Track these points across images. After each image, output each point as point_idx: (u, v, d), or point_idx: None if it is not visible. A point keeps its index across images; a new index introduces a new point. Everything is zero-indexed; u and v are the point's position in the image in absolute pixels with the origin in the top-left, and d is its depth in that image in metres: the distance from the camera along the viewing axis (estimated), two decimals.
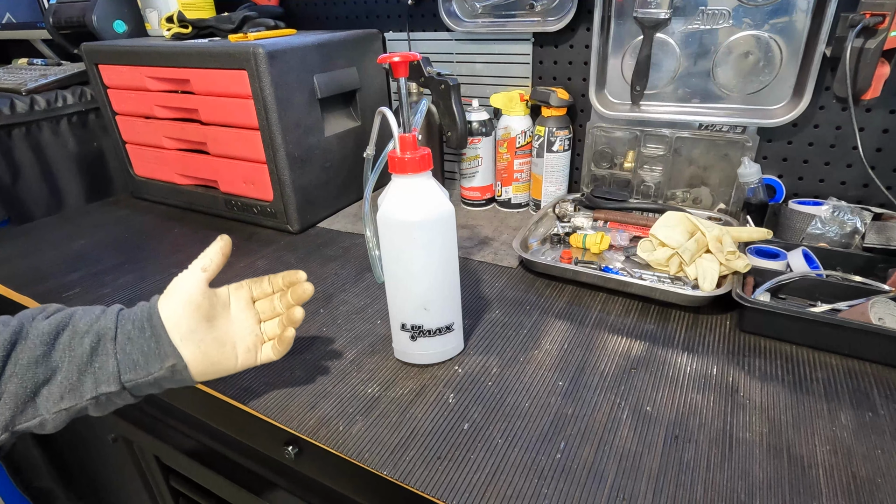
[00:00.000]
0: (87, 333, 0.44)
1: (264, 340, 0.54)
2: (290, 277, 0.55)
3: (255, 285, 0.55)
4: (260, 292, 0.55)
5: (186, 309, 0.47)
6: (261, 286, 0.55)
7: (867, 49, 0.69)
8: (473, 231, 0.94)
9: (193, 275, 0.49)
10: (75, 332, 0.44)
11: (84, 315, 0.46)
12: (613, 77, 0.90)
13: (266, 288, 0.55)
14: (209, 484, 0.80)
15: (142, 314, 0.47)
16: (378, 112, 0.56)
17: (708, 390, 0.55)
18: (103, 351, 0.44)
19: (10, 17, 1.54)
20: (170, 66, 0.93)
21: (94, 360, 0.44)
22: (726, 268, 0.67)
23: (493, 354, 0.62)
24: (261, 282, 0.55)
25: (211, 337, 0.49)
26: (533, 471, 0.47)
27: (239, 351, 0.51)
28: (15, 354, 0.42)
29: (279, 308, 0.55)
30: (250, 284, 0.55)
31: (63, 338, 0.44)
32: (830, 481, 0.44)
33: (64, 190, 1.21)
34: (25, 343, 0.43)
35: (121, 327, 0.46)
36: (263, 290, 0.55)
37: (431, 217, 0.53)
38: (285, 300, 0.55)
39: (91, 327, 0.45)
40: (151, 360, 0.46)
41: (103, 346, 0.45)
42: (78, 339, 0.44)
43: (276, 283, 0.55)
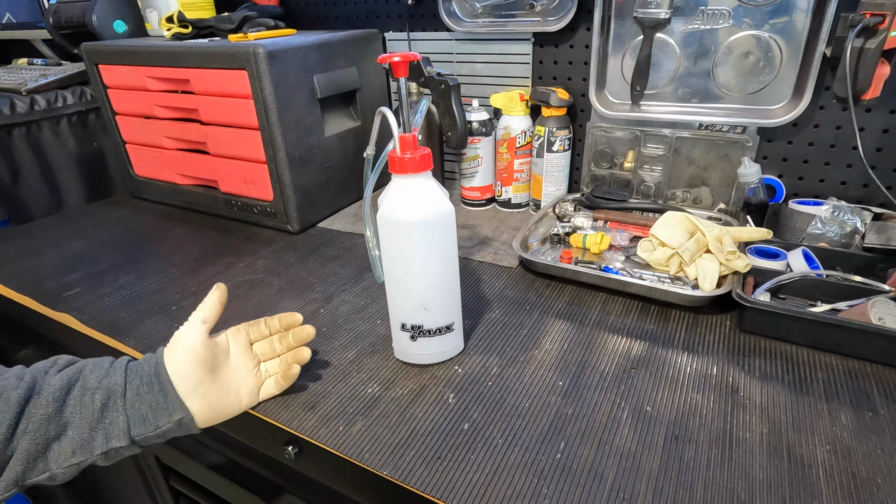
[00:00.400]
0: (97, 390, 0.46)
1: (264, 380, 0.56)
2: (287, 320, 0.57)
3: (253, 329, 0.56)
4: (257, 335, 0.57)
5: (191, 363, 0.49)
6: (258, 329, 0.56)
7: (867, 49, 0.69)
8: (473, 231, 0.94)
9: (195, 328, 0.50)
10: (86, 388, 0.46)
11: (94, 370, 0.47)
12: (613, 77, 0.90)
13: (263, 330, 0.57)
14: (209, 484, 0.80)
15: (149, 369, 0.48)
16: (378, 112, 0.56)
17: (708, 390, 0.55)
18: (113, 407, 0.46)
19: (10, 17, 1.54)
20: (170, 66, 0.93)
21: (105, 416, 0.45)
22: (726, 268, 0.67)
23: (493, 354, 0.62)
24: (258, 325, 0.57)
25: (215, 387, 0.51)
26: (533, 471, 0.47)
27: (242, 395, 0.53)
28: (28, 410, 0.43)
29: (278, 349, 0.57)
30: (247, 328, 0.56)
31: (74, 394, 0.45)
32: (830, 481, 0.44)
33: (64, 190, 1.21)
34: (38, 399, 0.43)
35: (129, 383, 0.47)
36: (261, 332, 0.57)
37: (431, 217, 0.53)
38: (286, 342, 0.56)
39: (101, 383, 0.46)
40: (160, 414, 0.47)
41: (113, 402, 0.46)
42: (89, 395, 0.45)
43: (272, 325, 0.57)
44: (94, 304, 0.76)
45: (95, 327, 0.71)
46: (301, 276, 0.80)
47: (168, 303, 0.75)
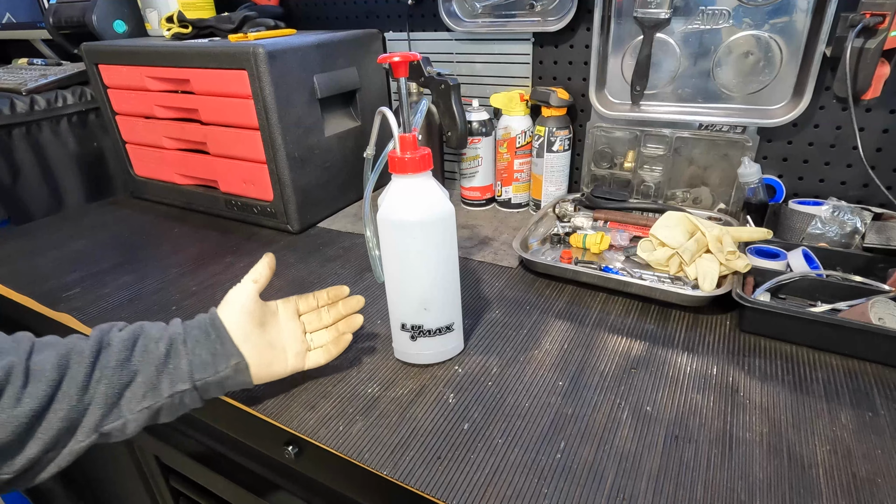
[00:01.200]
0: (160, 339, 0.49)
1: (310, 348, 0.58)
2: (335, 292, 0.61)
3: (302, 301, 0.60)
4: (306, 307, 0.60)
5: (242, 315, 0.52)
6: (307, 302, 0.60)
7: (867, 49, 0.69)
8: (473, 231, 0.94)
9: (246, 286, 0.54)
10: (149, 338, 0.49)
11: (153, 326, 0.51)
12: (613, 77, 0.90)
13: (311, 303, 0.60)
14: (209, 484, 0.80)
15: (205, 321, 0.52)
16: (378, 112, 0.56)
17: (708, 390, 0.55)
18: (176, 353, 0.49)
19: (10, 17, 1.54)
20: (170, 66, 0.93)
21: (169, 361, 0.49)
22: (726, 268, 0.67)
23: (493, 354, 0.62)
24: (307, 297, 0.60)
25: (264, 340, 0.53)
26: (533, 471, 0.47)
27: (289, 355, 0.56)
28: (101, 360, 0.46)
29: (326, 320, 0.60)
30: (297, 300, 0.59)
31: (139, 344, 0.48)
32: (830, 481, 0.44)
33: (64, 190, 1.21)
34: (109, 350, 0.47)
35: (188, 332, 0.50)
36: (309, 304, 0.60)
37: (431, 217, 0.53)
38: (335, 311, 0.60)
39: (162, 334, 0.49)
40: (219, 359, 0.50)
41: (175, 348, 0.49)
42: (153, 343, 0.49)
43: (321, 298, 0.60)
44: (94, 304, 0.76)
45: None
46: (301, 276, 0.80)
47: (168, 303, 0.75)
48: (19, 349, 0.44)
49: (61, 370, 0.44)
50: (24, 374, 0.42)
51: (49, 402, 0.43)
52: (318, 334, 0.59)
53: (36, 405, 0.42)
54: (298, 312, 0.59)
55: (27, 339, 0.46)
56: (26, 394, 0.42)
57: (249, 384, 0.53)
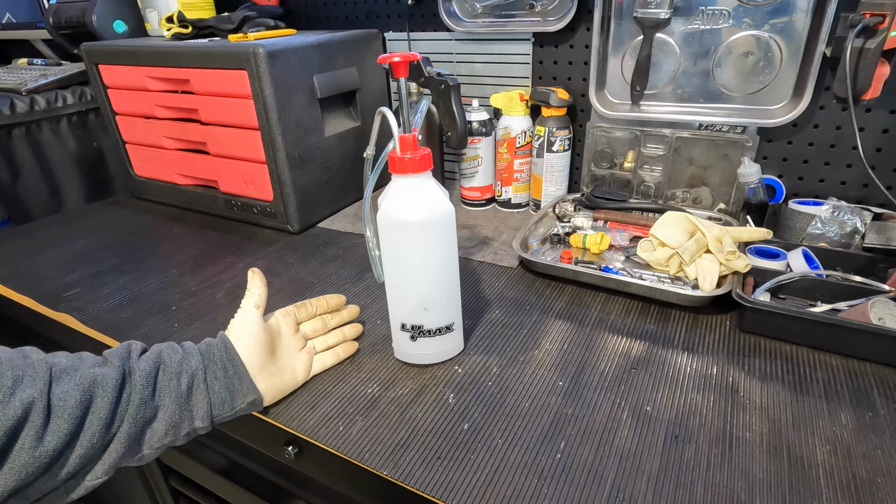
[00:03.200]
0: (181, 374, 0.48)
1: (314, 353, 0.59)
2: (335, 301, 0.63)
3: (300, 310, 0.60)
4: (304, 315, 0.60)
5: (255, 346, 0.52)
6: (305, 310, 0.60)
7: (867, 49, 0.69)
8: (473, 231, 0.94)
9: (251, 314, 0.53)
10: (170, 372, 0.47)
11: (171, 354, 0.49)
12: (613, 77, 0.90)
13: (310, 310, 0.61)
14: (209, 484, 0.80)
15: (222, 355, 0.51)
16: (378, 112, 0.56)
17: (708, 390, 0.55)
18: (197, 390, 0.48)
19: (10, 17, 1.54)
20: (170, 66, 0.93)
21: (191, 398, 0.48)
22: (726, 268, 0.67)
23: (493, 354, 0.62)
24: (304, 306, 0.61)
25: (276, 367, 0.54)
26: (533, 471, 0.47)
27: (297, 371, 0.57)
28: (124, 393, 0.44)
29: (330, 324, 0.62)
30: (295, 311, 0.59)
31: (160, 378, 0.47)
32: (830, 481, 0.44)
33: (64, 190, 1.21)
34: (132, 381, 0.45)
35: (207, 367, 0.49)
36: (308, 312, 0.61)
37: (431, 217, 0.53)
38: (338, 317, 0.63)
39: (182, 367, 0.48)
40: (236, 396, 0.50)
41: (196, 385, 0.48)
42: (175, 379, 0.47)
43: (319, 306, 0.62)
44: (94, 304, 0.76)
45: (95, 327, 0.71)
46: (301, 276, 0.80)
47: (168, 303, 0.75)
48: (37, 379, 0.40)
49: (84, 406, 0.41)
50: (46, 410, 0.39)
51: (72, 439, 0.40)
52: (319, 340, 0.60)
53: (58, 444, 0.39)
54: (297, 322, 0.59)
55: (44, 364, 0.41)
56: (49, 431, 0.39)
57: (259, 409, 0.54)
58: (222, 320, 0.62)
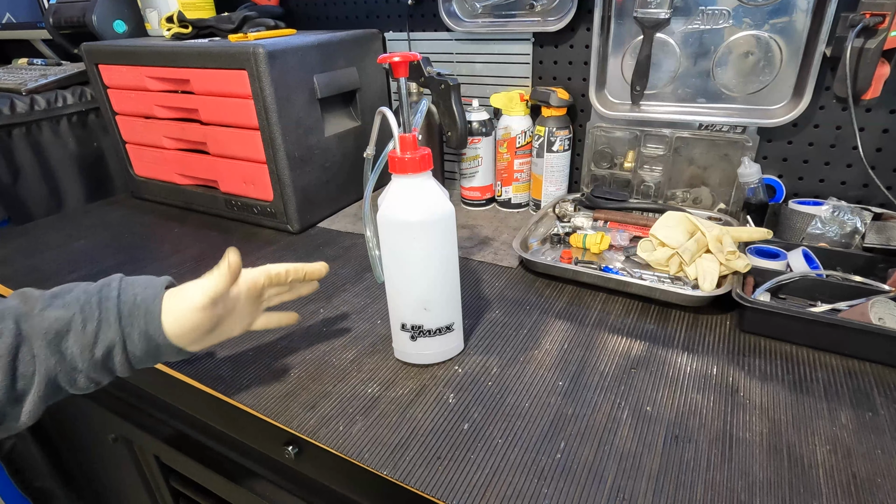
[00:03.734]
0: (95, 344, 0.47)
1: (258, 316, 0.58)
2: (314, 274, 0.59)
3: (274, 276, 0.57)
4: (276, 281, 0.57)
5: (192, 330, 0.50)
6: (278, 277, 0.57)
7: (867, 49, 0.69)
8: (473, 231, 0.94)
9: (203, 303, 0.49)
10: (83, 342, 0.46)
11: (85, 318, 0.47)
12: (613, 77, 0.90)
13: (282, 278, 0.57)
14: (209, 484, 0.80)
15: (146, 328, 0.48)
16: (378, 112, 0.56)
17: (708, 390, 0.55)
18: (116, 357, 0.48)
19: (10, 17, 1.54)
20: (170, 66, 0.93)
21: (109, 363, 0.48)
22: (726, 268, 0.67)
23: (493, 354, 0.62)
24: (279, 273, 0.57)
25: (213, 335, 0.53)
26: (533, 471, 0.47)
27: (235, 332, 0.55)
28: (26, 359, 0.44)
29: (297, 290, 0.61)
30: (267, 276, 0.56)
31: (70, 344, 0.46)
32: (830, 481, 0.44)
33: (64, 190, 1.21)
34: (32, 349, 0.44)
35: (128, 339, 0.48)
36: (279, 279, 0.57)
37: (431, 217, 0.53)
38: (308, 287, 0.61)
39: (98, 338, 0.47)
40: (160, 357, 0.51)
41: (115, 353, 0.48)
42: (88, 350, 0.46)
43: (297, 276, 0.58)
44: None
45: None
46: None
47: None
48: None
49: None
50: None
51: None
52: (276, 298, 0.59)
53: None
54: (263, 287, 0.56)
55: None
56: None
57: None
58: None
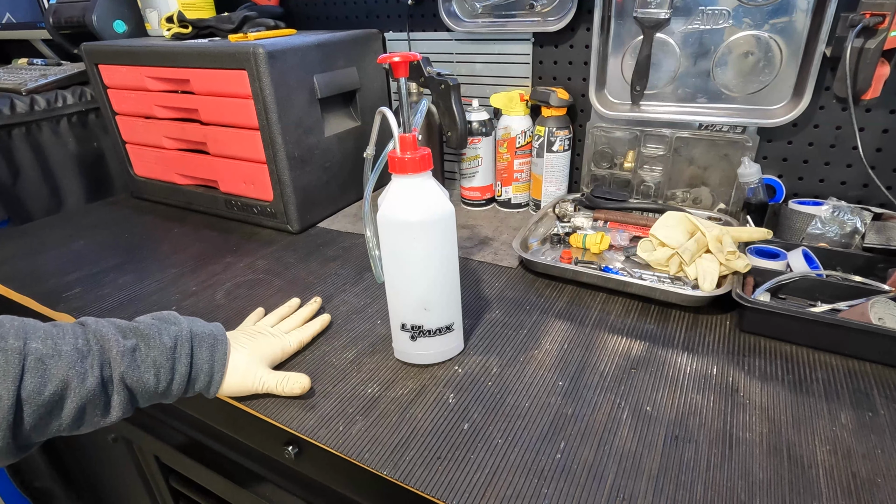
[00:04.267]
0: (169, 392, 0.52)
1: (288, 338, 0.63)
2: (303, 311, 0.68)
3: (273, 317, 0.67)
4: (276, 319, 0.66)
5: (239, 387, 0.56)
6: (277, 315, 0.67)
7: (867, 49, 0.69)
8: (473, 231, 0.94)
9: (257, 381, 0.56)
10: (158, 390, 0.51)
11: (159, 365, 0.51)
12: (613, 77, 0.90)
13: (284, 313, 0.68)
14: (209, 484, 0.80)
15: (206, 380, 0.54)
16: (378, 112, 0.56)
17: (708, 390, 0.55)
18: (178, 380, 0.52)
19: (10, 17, 1.54)
20: (170, 66, 0.93)
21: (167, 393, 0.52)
22: (726, 268, 0.67)
23: (493, 354, 0.62)
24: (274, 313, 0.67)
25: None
26: (533, 471, 0.47)
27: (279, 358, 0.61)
28: (100, 400, 0.47)
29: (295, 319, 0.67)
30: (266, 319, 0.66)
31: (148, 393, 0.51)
32: (830, 481, 0.45)
33: (64, 190, 1.21)
34: (114, 394, 0.48)
35: (195, 379, 0.53)
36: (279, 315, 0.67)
37: (431, 217, 0.53)
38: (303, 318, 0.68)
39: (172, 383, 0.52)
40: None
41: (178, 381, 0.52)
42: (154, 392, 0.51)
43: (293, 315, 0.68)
44: (94, 304, 0.76)
45: None
46: (301, 276, 0.80)
47: (168, 303, 0.75)
48: (7, 373, 0.43)
49: (54, 401, 0.45)
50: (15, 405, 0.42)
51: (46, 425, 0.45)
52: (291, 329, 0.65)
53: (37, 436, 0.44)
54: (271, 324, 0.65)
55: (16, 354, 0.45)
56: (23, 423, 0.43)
57: None
58: (222, 320, 0.62)
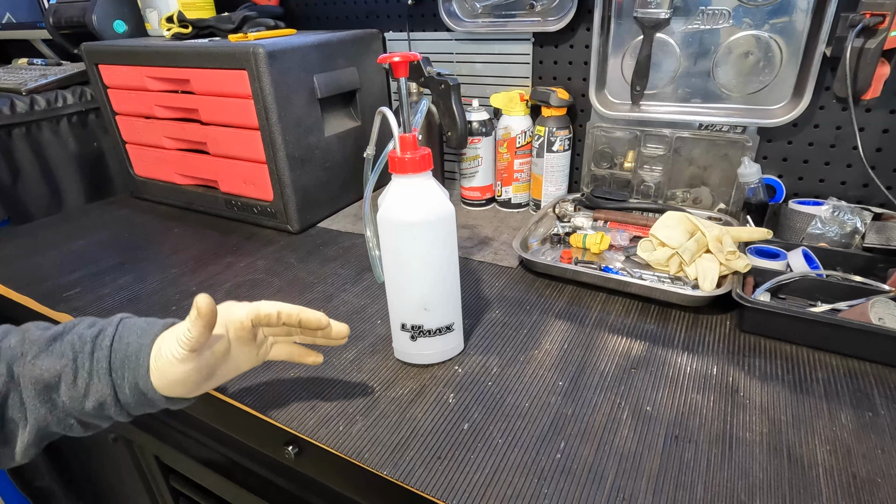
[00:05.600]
0: (86, 397, 0.45)
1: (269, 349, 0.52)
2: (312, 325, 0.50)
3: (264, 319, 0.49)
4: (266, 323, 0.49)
5: (182, 384, 0.46)
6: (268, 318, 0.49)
7: (867, 49, 0.69)
8: (473, 231, 0.94)
9: (182, 356, 0.45)
10: (74, 394, 0.45)
11: (76, 370, 0.45)
12: (613, 77, 0.90)
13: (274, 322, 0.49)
14: (209, 484, 0.80)
15: (137, 390, 0.46)
16: (378, 112, 0.56)
17: (708, 390, 0.55)
18: (109, 408, 0.46)
19: (10, 17, 1.54)
20: (170, 66, 0.93)
21: (103, 411, 0.46)
22: (726, 268, 0.67)
23: (493, 354, 0.62)
24: (267, 317, 0.49)
25: (212, 381, 0.49)
26: (533, 471, 0.47)
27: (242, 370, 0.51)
28: (15, 404, 0.44)
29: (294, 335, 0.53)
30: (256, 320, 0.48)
31: (62, 393, 0.45)
32: (830, 481, 0.44)
33: (64, 190, 1.21)
34: (21, 395, 0.45)
35: (119, 391, 0.46)
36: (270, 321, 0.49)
37: (431, 217, 0.53)
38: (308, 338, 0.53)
39: (88, 390, 0.45)
40: (157, 406, 0.48)
41: (108, 405, 0.46)
42: (79, 401, 0.45)
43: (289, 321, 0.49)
44: (94, 304, 0.76)
45: None
46: (301, 276, 0.80)
47: (168, 303, 0.75)
48: None
49: None
50: None
51: None
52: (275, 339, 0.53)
53: None
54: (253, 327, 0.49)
55: None
56: None
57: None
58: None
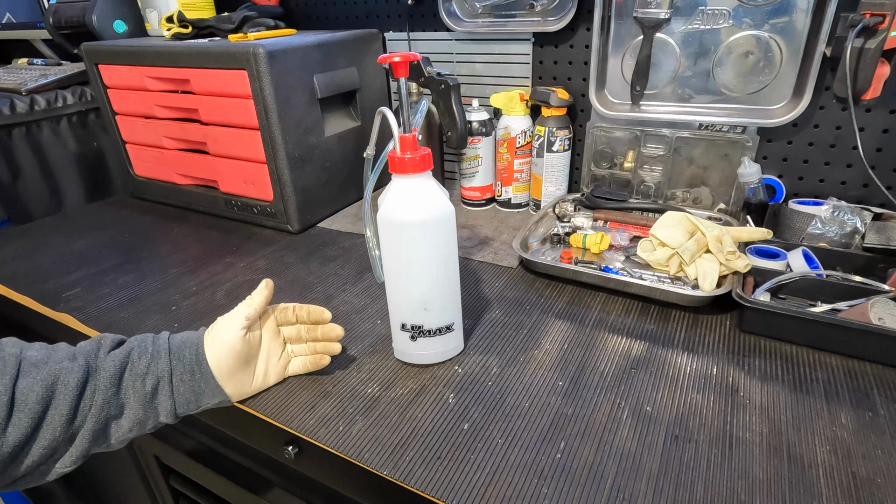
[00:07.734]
0: (147, 375, 0.50)
1: (290, 358, 0.59)
2: (316, 315, 0.58)
3: (280, 314, 0.59)
4: (284, 320, 0.59)
5: (228, 356, 0.53)
6: (285, 315, 0.59)
7: (867, 49, 0.69)
8: (473, 231, 0.94)
9: (236, 323, 0.53)
10: (136, 373, 0.49)
11: (140, 352, 0.51)
12: (613, 77, 0.90)
13: (290, 317, 0.59)
14: (209, 484, 0.80)
15: (191, 357, 0.52)
16: (378, 112, 0.56)
17: (708, 390, 0.55)
18: (163, 392, 0.50)
19: (10, 17, 1.54)
20: (170, 66, 0.93)
21: (155, 398, 0.50)
22: (726, 268, 0.67)
23: (493, 354, 0.62)
24: (285, 311, 0.59)
25: (247, 374, 0.55)
26: (533, 471, 0.47)
27: (270, 377, 0.57)
28: (87, 392, 0.47)
29: (305, 337, 0.59)
30: (276, 314, 0.58)
31: (126, 377, 0.49)
32: (830, 481, 0.44)
33: (64, 190, 1.21)
34: (97, 380, 0.47)
35: (174, 369, 0.51)
36: (287, 318, 0.59)
37: (431, 217, 0.53)
38: (313, 334, 0.59)
39: (149, 369, 0.50)
40: (202, 397, 0.52)
41: (162, 387, 0.50)
42: (140, 380, 0.49)
43: (300, 316, 0.59)
44: (94, 304, 0.76)
45: (95, 327, 0.71)
46: (301, 276, 0.80)
47: (168, 303, 0.75)
48: (4, 373, 0.43)
49: (45, 402, 0.44)
50: (9, 403, 0.42)
51: (34, 432, 0.43)
52: (298, 347, 0.60)
53: (20, 436, 0.42)
54: (278, 326, 0.59)
55: (13, 359, 0.45)
56: (11, 424, 0.42)
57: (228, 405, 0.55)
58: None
